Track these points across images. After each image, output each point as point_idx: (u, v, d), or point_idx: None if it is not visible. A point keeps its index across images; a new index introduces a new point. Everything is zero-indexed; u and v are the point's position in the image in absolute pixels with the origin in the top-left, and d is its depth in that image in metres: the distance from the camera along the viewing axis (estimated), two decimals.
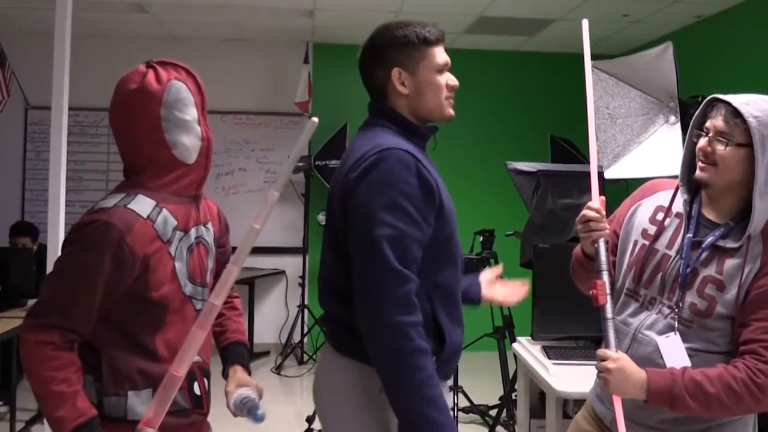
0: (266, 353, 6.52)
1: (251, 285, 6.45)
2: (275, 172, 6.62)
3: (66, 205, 3.53)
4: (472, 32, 6.30)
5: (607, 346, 1.74)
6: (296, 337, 6.36)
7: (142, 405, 1.59)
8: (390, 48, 1.78)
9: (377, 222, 1.61)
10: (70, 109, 3.57)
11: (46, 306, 1.54)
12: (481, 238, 4.56)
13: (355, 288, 1.66)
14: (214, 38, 6.72)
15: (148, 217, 1.60)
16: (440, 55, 1.81)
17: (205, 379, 1.75)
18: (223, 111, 6.63)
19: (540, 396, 3.27)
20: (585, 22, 1.95)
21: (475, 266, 4.21)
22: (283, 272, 6.74)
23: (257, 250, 6.65)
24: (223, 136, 6.67)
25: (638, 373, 1.69)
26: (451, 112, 1.84)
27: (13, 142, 6.56)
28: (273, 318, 6.75)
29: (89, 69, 5.75)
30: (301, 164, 6.15)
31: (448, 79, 1.82)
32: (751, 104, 1.67)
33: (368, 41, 1.83)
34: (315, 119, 1.29)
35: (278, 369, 6.05)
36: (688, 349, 1.72)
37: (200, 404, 1.72)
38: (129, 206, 1.58)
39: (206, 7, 5.60)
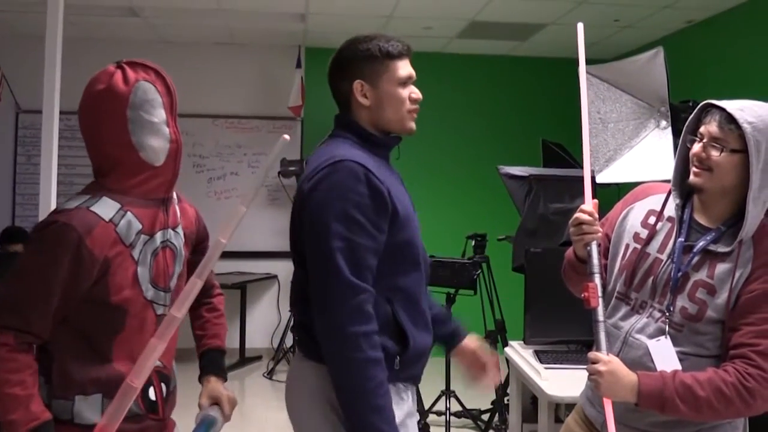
0: (258, 358, 6.51)
1: (243, 289, 6.41)
2: (268, 176, 6.60)
3: None
4: (464, 37, 6.32)
5: (599, 349, 1.74)
6: (288, 342, 6.32)
7: (89, 409, 1.57)
8: (353, 61, 1.81)
9: (330, 234, 1.64)
10: (61, 112, 3.56)
11: (1, 308, 1.52)
12: (473, 243, 4.57)
13: (312, 297, 1.69)
14: (206, 42, 6.70)
15: (110, 220, 1.58)
16: (403, 68, 1.82)
17: (163, 384, 1.72)
18: (215, 115, 6.60)
19: (532, 400, 3.27)
20: (580, 26, 1.93)
21: (467, 270, 4.21)
22: (275, 277, 6.70)
23: (249, 255, 6.73)
24: (215, 140, 6.64)
25: (629, 376, 1.69)
26: (413, 125, 1.86)
27: (3, 146, 6.52)
28: (265, 322, 6.73)
29: (80, 73, 5.64)
30: (292, 168, 6.14)
31: (412, 92, 1.84)
32: (746, 110, 1.67)
33: (335, 54, 1.86)
34: (286, 137, 1.29)
35: (270, 374, 6.04)
36: (678, 353, 1.73)
37: (155, 409, 1.69)
38: (91, 209, 1.57)
39: (198, 11, 5.59)
